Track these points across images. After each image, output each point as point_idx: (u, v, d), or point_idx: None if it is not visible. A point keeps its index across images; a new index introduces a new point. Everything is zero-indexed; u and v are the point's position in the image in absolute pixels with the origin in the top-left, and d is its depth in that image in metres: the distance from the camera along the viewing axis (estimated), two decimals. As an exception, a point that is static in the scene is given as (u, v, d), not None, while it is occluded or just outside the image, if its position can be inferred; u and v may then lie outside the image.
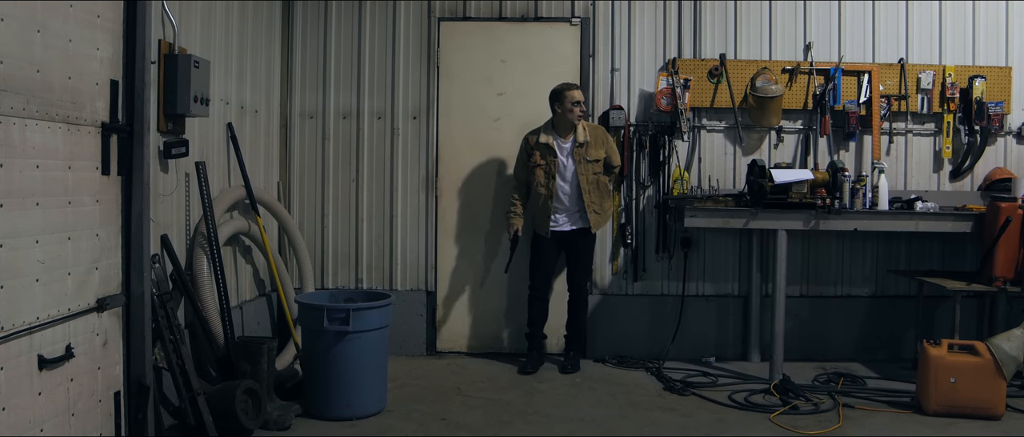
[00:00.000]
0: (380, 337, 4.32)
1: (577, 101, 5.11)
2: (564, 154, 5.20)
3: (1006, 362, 4.37)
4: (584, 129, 5.18)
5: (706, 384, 4.92)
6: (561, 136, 5.21)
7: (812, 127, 5.59)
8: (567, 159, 5.19)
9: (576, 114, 5.11)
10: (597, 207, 5.21)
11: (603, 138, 5.25)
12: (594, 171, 5.19)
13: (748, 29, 5.63)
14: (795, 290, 5.54)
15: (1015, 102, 5.70)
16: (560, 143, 5.20)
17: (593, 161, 5.18)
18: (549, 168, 5.19)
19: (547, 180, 5.19)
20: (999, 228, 4.84)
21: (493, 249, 5.62)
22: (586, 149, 5.17)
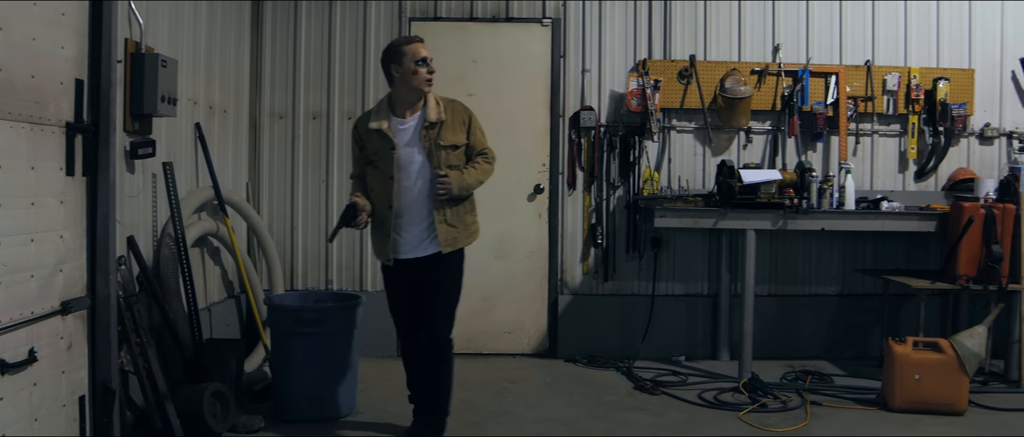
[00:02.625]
0: (350, 338, 4.30)
1: (423, 59, 3.65)
2: (405, 141, 3.67)
3: (969, 359, 4.45)
4: (437, 103, 3.71)
5: (676, 383, 4.95)
6: (400, 115, 3.69)
7: (780, 128, 5.65)
8: (410, 148, 3.67)
9: (422, 78, 3.63)
10: (451, 217, 3.73)
11: (464, 117, 3.77)
12: (450, 163, 3.68)
13: (717, 31, 5.68)
14: (764, 289, 5.58)
15: (978, 104, 5.80)
16: (398, 126, 3.68)
17: (449, 148, 3.68)
18: (384, 166, 3.68)
19: (383, 184, 3.69)
20: (962, 227, 4.93)
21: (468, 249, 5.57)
22: (438, 131, 3.66)
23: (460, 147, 3.75)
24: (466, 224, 3.84)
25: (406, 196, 3.68)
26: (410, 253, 3.74)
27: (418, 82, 3.64)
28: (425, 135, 3.65)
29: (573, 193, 5.61)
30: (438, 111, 3.70)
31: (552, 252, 5.62)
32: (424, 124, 3.65)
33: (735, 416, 4.36)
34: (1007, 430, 4.26)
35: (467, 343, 5.60)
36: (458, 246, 3.79)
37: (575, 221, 5.62)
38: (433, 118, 3.66)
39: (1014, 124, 5.89)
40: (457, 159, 3.72)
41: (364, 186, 3.81)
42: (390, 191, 3.67)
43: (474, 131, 3.79)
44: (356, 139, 3.84)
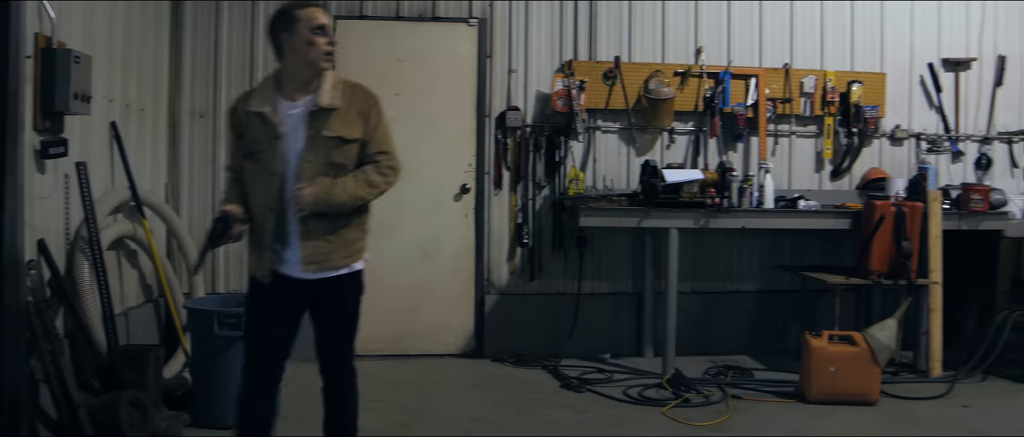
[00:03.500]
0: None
1: (321, 27, 2.89)
2: (293, 127, 2.90)
3: (880, 351, 4.62)
4: (335, 85, 2.94)
5: (602, 380, 5.01)
6: (289, 97, 2.93)
7: (702, 128, 5.77)
8: (299, 136, 2.90)
9: (319, 51, 2.87)
10: (328, 230, 2.96)
11: (365, 106, 2.98)
12: (334, 159, 2.92)
13: (642, 32, 5.76)
14: (686, 286, 5.67)
15: (889, 106, 6.03)
16: (287, 110, 2.91)
17: (334, 142, 2.91)
18: (267, 159, 2.90)
19: (264, 182, 2.92)
20: (874, 225, 5.12)
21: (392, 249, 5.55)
22: (328, 120, 2.89)
23: (351, 143, 2.95)
24: (346, 241, 3.03)
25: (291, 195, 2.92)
26: (300, 273, 2.97)
27: (314, 55, 2.87)
28: (313, 123, 2.89)
29: (499, 193, 5.63)
30: (333, 95, 2.91)
31: (479, 252, 5.62)
32: (312, 108, 2.89)
33: (659, 411, 4.44)
34: (916, 418, 4.44)
35: (394, 344, 5.58)
36: (329, 266, 2.98)
37: (501, 221, 5.64)
38: (324, 102, 2.88)
39: (922, 126, 6.15)
40: (344, 157, 2.95)
41: (242, 185, 3.04)
42: (273, 192, 2.90)
43: (375, 126, 3.01)
44: (234, 124, 3.03)
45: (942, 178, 6.04)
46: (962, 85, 6.22)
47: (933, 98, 6.17)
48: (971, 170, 6.22)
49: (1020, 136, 6.31)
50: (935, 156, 6.14)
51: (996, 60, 6.28)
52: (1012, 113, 6.33)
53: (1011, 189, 6.05)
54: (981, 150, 6.25)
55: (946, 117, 6.18)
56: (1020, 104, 6.35)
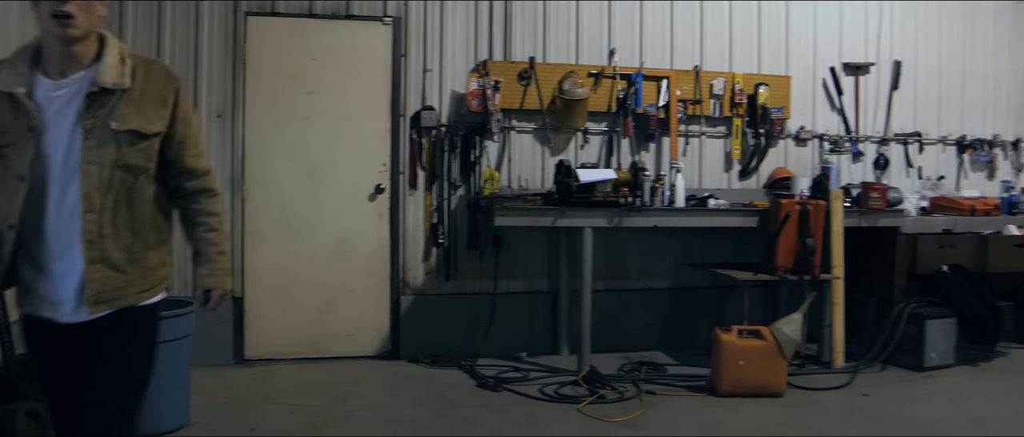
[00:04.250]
0: (180, 348, 4.08)
1: None
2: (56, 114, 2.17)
3: (787, 344, 4.76)
4: (122, 60, 2.23)
5: (518, 379, 5.02)
6: (55, 73, 2.19)
7: (616, 129, 5.85)
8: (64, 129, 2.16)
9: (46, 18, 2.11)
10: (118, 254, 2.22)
11: (166, 91, 2.30)
12: (129, 161, 2.22)
13: (556, 34, 5.81)
14: (601, 284, 5.73)
15: (794, 108, 6.23)
16: (49, 91, 2.18)
17: (129, 136, 2.21)
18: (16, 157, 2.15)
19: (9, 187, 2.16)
20: (780, 222, 5.27)
21: (305, 250, 5.46)
22: (116, 107, 2.19)
23: (151, 138, 2.25)
24: (146, 268, 2.30)
25: (55, 212, 2.16)
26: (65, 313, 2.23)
27: (45, 25, 2.12)
28: (95, 112, 2.16)
29: (414, 193, 5.58)
30: (119, 72, 2.20)
31: (394, 252, 5.57)
32: (90, 88, 2.16)
33: (575, 408, 4.47)
34: (821, 408, 4.59)
35: (307, 347, 5.47)
36: (122, 304, 2.24)
37: (417, 221, 5.60)
38: (107, 80, 2.17)
39: (825, 127, 6.37)
40: (142, 158, 2.24)
41: None
42: (15, 200, 2.14)
43: (183, 118, 2.34)
44: None
45: (844, 177, 6.28)
46: (862, 88, 6.48)
47: (835, 101, 6.40)
48: (870, 169, 6.50)
49: (915, 137, 6.62)
50: (837, 156, 6.39)
51: (892, 65, 6.57)
52: (907, 115, 6.64)
53: (907, 188, 6.34)
54: (879, 150, 6.53)
55: (847, 119, 6.42)
56: (914, 107, 6.66)
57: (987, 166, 6.92)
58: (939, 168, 6.73)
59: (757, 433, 4.19)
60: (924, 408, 4.60)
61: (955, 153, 6.81)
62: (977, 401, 4.76)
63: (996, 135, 6.92)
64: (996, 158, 6.93)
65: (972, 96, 6.88)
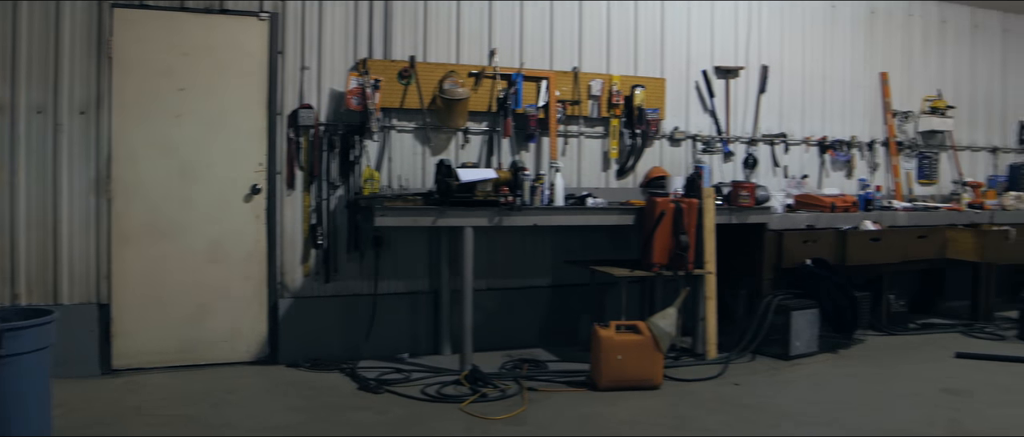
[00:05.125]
0: (40, 359, 3.83)
1: None
2: None
3: (662, 337, 4.91)
4: None
5: (400, 380, 4.98)
6: None
7: (496, 129, 5.89)
8: None
9: None
10: None
11: None
12: None
13: (437, 33, 5.79)
14: (482, 283, 5.77)
15: (669, 109, 6.43)
16: None
17: None
18: None
19: None
20: (655, 220, 5.43)
21: (178, 253, 5.24)
22: None
23: None
24: None
25: None
26: None
27: None
28: None
29: (292, 193, 5.45)
30: None
31: (271, 254, 5.42)
32: None
33: (457, 408, 4.47)
34: (695, 398, 4.75)
35: (180, 354, 5.27)
36: None
37: (295, 222, 5.47)
38: None
39: (698, 128, 6.62)
40: None
41: None
42: None
43: None
44: None
45: (715, 176, 6.55)
46: (732, 91, 6.76)
47: (707, 103, 6.65)
48: (740, 169, 6.79)
49: (781, 138, 6.96)
50: (709, 156, 6.64)
51: (760, 69, 6.89)
52: (774, 117, 6.97)
53: (774, 186, 6.66)
54: (748, 151, 6.83)
55: (718, 120, 6.69)
56: (780, 109, 7.00)
57: (846, 165, 7.35)
58: (803, 167, 7.11)
59: (635, 425, 4.30)
60: (790, 394, 4.84)
61: (817, 153, 7.20)
62: (838, 386, 5.05)
63: (854, 137, 7.36)
64: (854, 158, 7.37)
65: (832, 100, 7.31)
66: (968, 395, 4.87)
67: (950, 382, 5.13)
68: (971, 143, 8.20)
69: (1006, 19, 8.45)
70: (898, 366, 5.55)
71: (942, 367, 5.54)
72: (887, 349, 6.05)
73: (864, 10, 7.50)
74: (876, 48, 7.56)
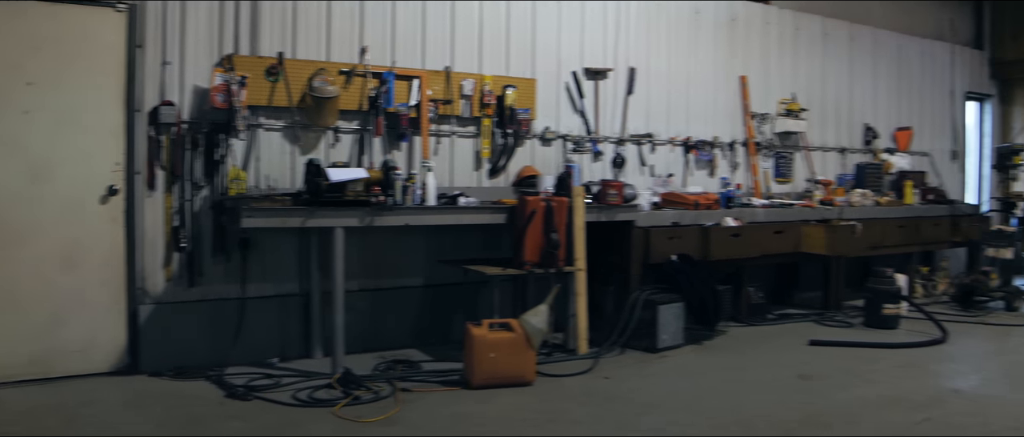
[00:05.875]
0: None
1: None
2: None
3: (534, 335, 4.99)
4: None
5: (270, 386, 4.86)
6: None
7: (367, 127, 5.82)
8: None
9: None
10: None
11: None
12: None
13: (306, 30, 5.67)
14: (354, 285, 5.69)
15: (539, 109, 6.53)
16: None
17: None
18: None
19: None
20: (526, 218, 5.51)
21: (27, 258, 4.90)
22: None
23: None
24: None
25: None
26: None
27: None
28: None
29: (153, 194, 5.21)
30: None
31: (130, 259, 5.17)
32: None
33: (330, 412, 4.41)
34: (567, 392, 4.86)
35: (31, 367, 4.94)
36: None
37: (156, 224, 5.23)
38: None
39: (568, 128, 6.75)
40: None
41: None
42: None
43: None
44: None
45: (585, 175, 6.70)
46: (601, 92, 6.94)
47: (577, 103, 6.80)
48: (609, 168, 6.97)
49: (647, 138, 7.19)
50: (579, 155, 6.79)
51: (628, 71, 7.10)
52: (641, 118, 7.20)
53: (641, 185, 6.87)
54: (617, 150, 7.02)
55: (588, 120, 6.85)
56: (647, 110, 7.23)
57: (709, 164, 7.67)
58: (669, 166, 7.37)
59: (508, 421, 4.35)
60: (657, 385, 5.02)
61: (682, 153, 7.48)
62: (702, 376, 5.27)
63: (716, 137, 7.69)
64: (716, 157, 7.70)
65: (696, 102, 7.61)
66: (820, 379, 5.18)
67: (804, 368, 5.45)
68: (822, 144, 8.72)
69: (853, 29, 9.04)
70: (757, 355, 5.85)
71: (797, 354, 5.87)
72: (747, 339, 6.36)
73: (726, 17, 7.84)
74: (736, 53, 7.93)
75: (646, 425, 4.28)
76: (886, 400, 4.74)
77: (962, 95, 10.55)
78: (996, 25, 11.01)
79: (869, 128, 9.15)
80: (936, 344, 6.23)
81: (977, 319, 7.32)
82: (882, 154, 9.16)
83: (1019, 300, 7.79)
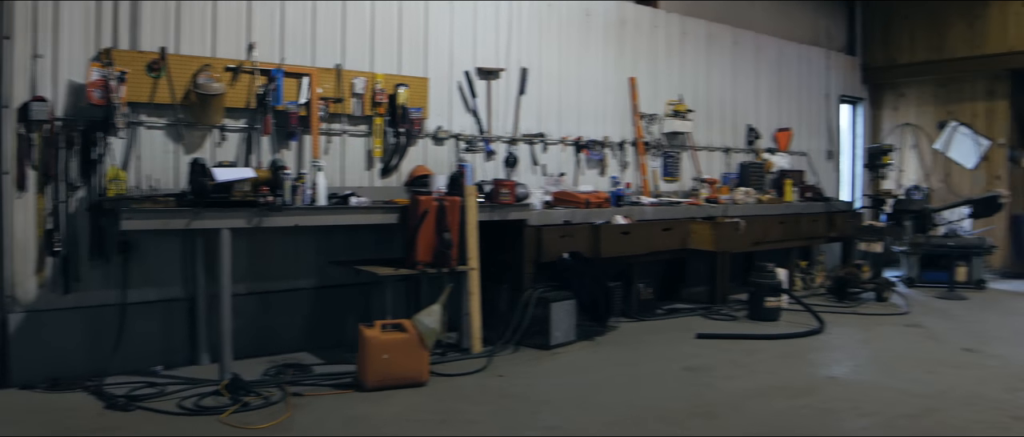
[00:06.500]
0: None
1: None
2: None
3: (428, 335, 4.98)
4: None
5: (154, 395, 4.67)
6: None
7: (255, 126, 5.68)
8: None
9: None
10: None
11: None
12: None
13: (190, 24, 5.48)
14: (242, 288, 5.54)
15: (432, 109, 6.52)
16: None
17: None
18: None
19: None
20: (419, 218, 5.49)
21: None
22: None
23: None
24: None
25: None
26: None
27: None
28: None
29: (24, 196, 4.91)
30: None
31: (-1, 264, 4.89)
32: None
33: (217, 420, 4.27)
34: (461, 392, 4.87)
35: None
36: None
37: (27, 228, 4.93)
38: None
39: (461, 128, 6.77)
40: None
41: None
42: None
43: None
44: None
45: (478, 175, 6.73)
46: (493, 92, 6.97)
47: (470, 103, 6.82)
48: (502, 167, 7.02)
49: (539, 138, 7.28)
50: (472, 155, 6.81)
51: (520, 72, 7.16)
52: (533, 118, 7.28)
53: (533, 184, 6.96)
54: (509, 150, 7.08)
55: (480, 120, 6.87)
56: (539, 110, 7.32)
57: (599, 164, 7.82)
58: (560, 166, 7.48)
59: (402, 422, 4.32)
60: (550, 382, 5.09)
61: (573, 152, 7.61)
62: (594, 371, 5.37)
63: (606, 137, 7.86)
64: (606, 157, 7.87)
65: (587, 102, 7.75)
66: (707, 371, 5.37)
67: (692, 360, 5.64)
68: (708, 144, 9.03)
69: (736, 33, 9.40)
70: (647, 349, 6.00)
71: (685, 347, 6.06)
72: (638, 334, 6.52)
73: (615, 19, 8.02)
74: (626, 55, 8.12)
75: (540, 422, 4.33)
76: (768, 388, 4.95)
77: (837, 98, 11.14)
78: (867, 33, 11.67)
79: (752, 129, 9.54)
80: (814, 334, 6.54)
81: (851, 310, 7.72)
82: (764, 154, 9.56)
83: (888, 291, 8.27)
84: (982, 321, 7.29)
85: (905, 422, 4.34)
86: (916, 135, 11.37)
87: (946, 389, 4.95)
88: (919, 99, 11.40)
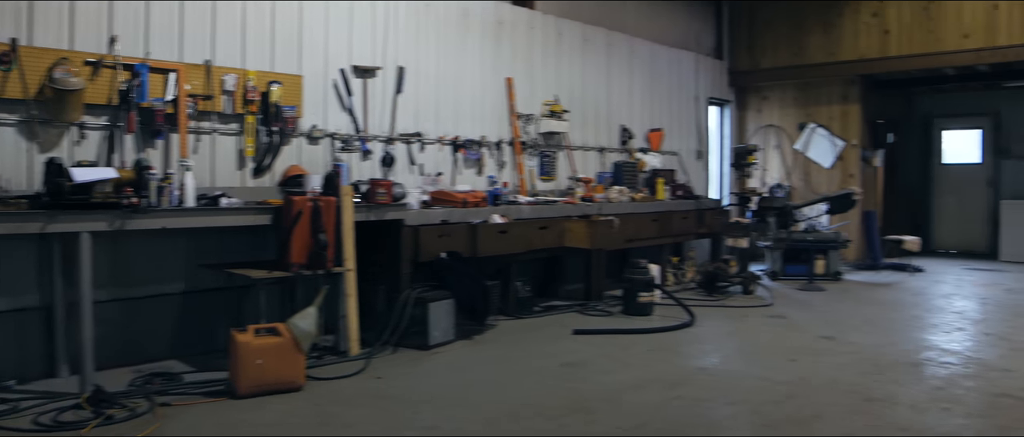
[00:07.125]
0: None
1: None
2: None
3: (303, 338, 4.88)
4: None
5: (6, 412, 4.36)
6: None
7: (118, 124, 5.41)
8: None
9: None
10: None
11: None
12: None
13: (46, 14, 5.16)
14: (104, 294, 5.27)
15: (306, 107, 6.40)
16: None
17: None
18: None
19: None
20: (293, 219, 5.39)
21: None
22: None
23: None
24: None
25: None
26: None
27: None
28: None
29: None
30: None
31: None
32: None
33: (78, 435, 4.05)
34: (339, 395, 4.80)
35: None
36: None
37: None
38: None
39: (336, 126, 6.67)
40: None
41: None
42: None
43: None
44: None
45: (354, 174, 6.65)
46: (370, 91, 6.91)
47: (345, 101, 6.73)
48: (378, 167, 6.97)
49: (416, 137, 7.27)
50: (348, 154, 6.73)
51: (397, 70, 7.12)
52: (410, 117, 7.26)
53: (410, 183, 6.93)
54: (386, 149, 7.03)
55: (356, 119, 6.80)
56: (416, 110, 7.30)
57: (477, 163, 7.88)
58: (438, 165, 7.49)
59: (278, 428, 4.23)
60: (429, 382, 5.09)
61: (451, 152, 7.63)
62: (473, 370, 5.40)
63: (483, 136, 7.91)
64: (484, 156, 7.93)
65: (464, 102, 7.78)
66: (583, 366, 5.49)
67: (568, 356, 5.75)
68: (583, 143, 9.23)
69: (610, 36, 9.65)
70: (525, 346, 6.08)
71: (562, 344, 6.18)
72: (516, 331, 6.60)
73: (493, 19, 8.08)
74: (503, 55, 8.20)
75: (419, 423, 4.32)
76: (642, 381, 5.12)
77: (705, 100, 11.62)
78: (733, 38, 12.22)
79: (625, 129, 9.82)
80: (685, 327, 6.80)
81: (719, 303, 8.07)
82: (637, 153, 9.86)
83: (754, 284, 8.68)
84: (838, 311, 7.76)
85: (770, 408, 4.57)
86: (779, 136, 11.99)
87: (807, 375, 5.25)
88: (781, 102, 12.03)
